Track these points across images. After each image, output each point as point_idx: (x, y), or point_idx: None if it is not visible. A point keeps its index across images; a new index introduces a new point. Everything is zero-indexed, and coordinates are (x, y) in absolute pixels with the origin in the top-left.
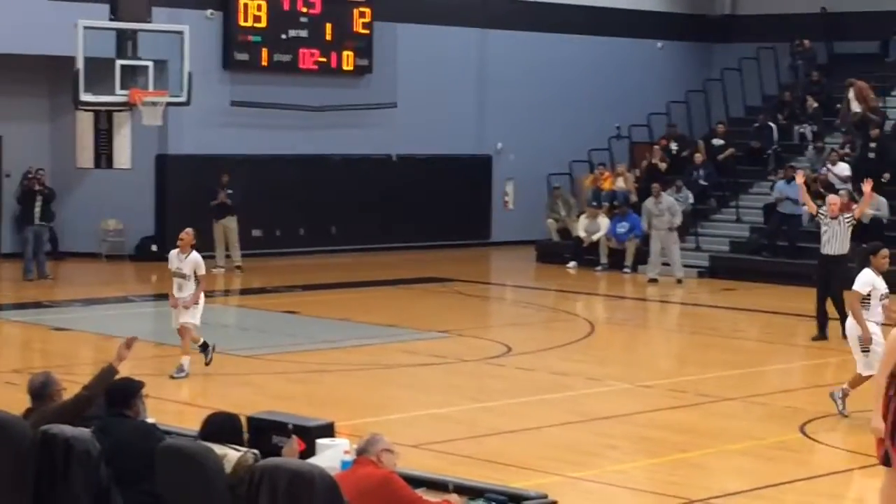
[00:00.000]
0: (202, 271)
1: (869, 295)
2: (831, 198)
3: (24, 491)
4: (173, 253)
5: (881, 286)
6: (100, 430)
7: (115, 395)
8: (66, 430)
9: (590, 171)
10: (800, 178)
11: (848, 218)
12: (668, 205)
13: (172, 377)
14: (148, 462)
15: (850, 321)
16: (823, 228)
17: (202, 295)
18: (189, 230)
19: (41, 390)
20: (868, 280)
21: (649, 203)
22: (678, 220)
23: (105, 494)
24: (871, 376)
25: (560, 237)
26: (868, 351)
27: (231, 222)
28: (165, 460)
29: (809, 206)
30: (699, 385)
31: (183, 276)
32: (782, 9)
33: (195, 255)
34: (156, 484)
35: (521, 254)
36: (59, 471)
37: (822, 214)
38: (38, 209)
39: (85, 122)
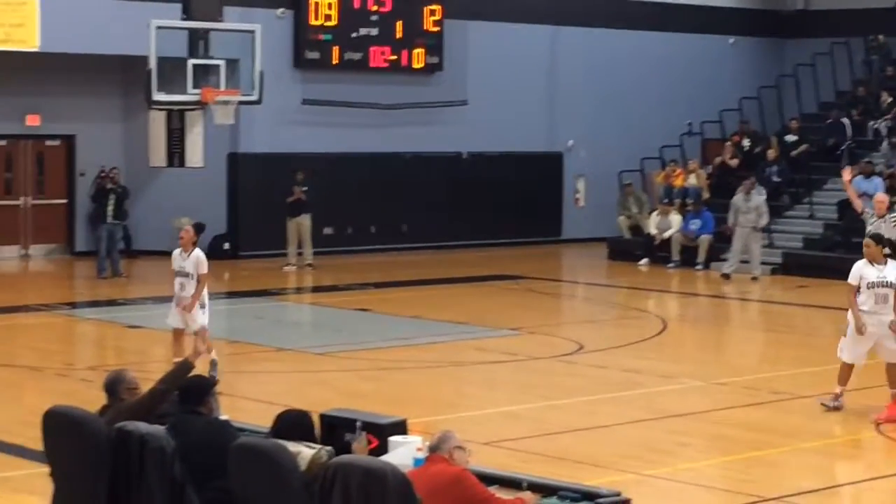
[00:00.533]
0: (204, 270)
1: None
2: (879, 196)
3: (100, 487)
4: (176, 252)
5: (869, 275)
6: (173, 428)
7: (189, 393)
8: (141, 426)
9: (661, 167)
10: (846, 175)
11: (894, 217)
12: (757, 203)
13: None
14: (221, 459)
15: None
16: (868, 228)
17: (207, 295)
18: (188, 228)
19: (113, 387)
20: (855, 271)
21: (738, 199)
22: (764, 221)
23: (179, 491)
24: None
25: (632, 234)
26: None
27: (305, 220)
28: (239, 458)
29: (855, 204)
30: (773, 382)
31: (186, 275)
32: (856, 3)
33: (198, 252)
34: (229, 481)
35: (593, 251)
36: (134, 467)
37: (868, 212)
38: (111, 207)
39: (158, 121)
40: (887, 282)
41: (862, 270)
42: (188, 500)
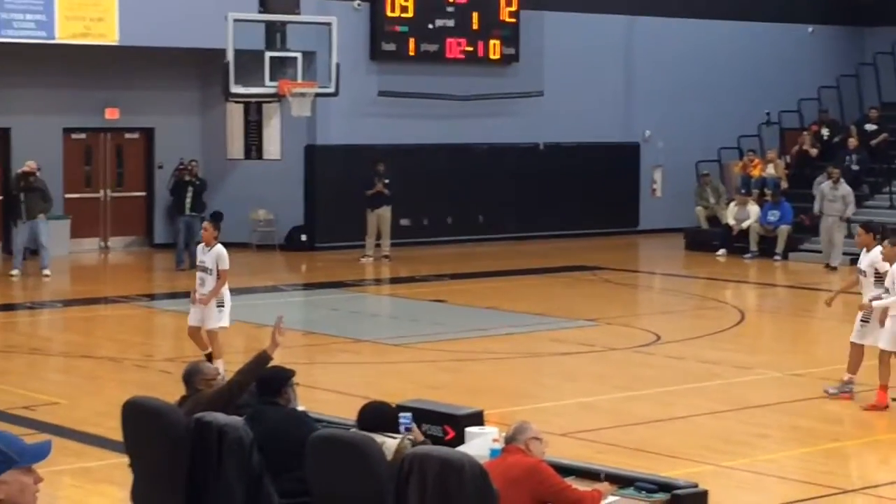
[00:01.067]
0: (225, 266)
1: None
2: None
3: (179, 478)
4: (199, 247)
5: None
6: (251, 418)
7: (267, 383)
8: (220, 417)
9: (739, 157)
10: None
11: None
12: (845, 193)
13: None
14: (297, 450)
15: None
16: None
17: (228, 296)
18: (207, 224)
19: (191, 378)
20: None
21: (825, 187)
22: (850, 211)
23: (257, 481)
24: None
25: (709, 225)
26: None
27: (386, 212)
28: (322, 449)
29: None
30: None
31: (205, 270)
32: None
33: (219, 247)
34: (305, 472)
35: (670, 241)
36: (212, 458)
37: None
38: (189, 200)
39: (235, 113)
40: (861, 269)
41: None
42: (266, 490)
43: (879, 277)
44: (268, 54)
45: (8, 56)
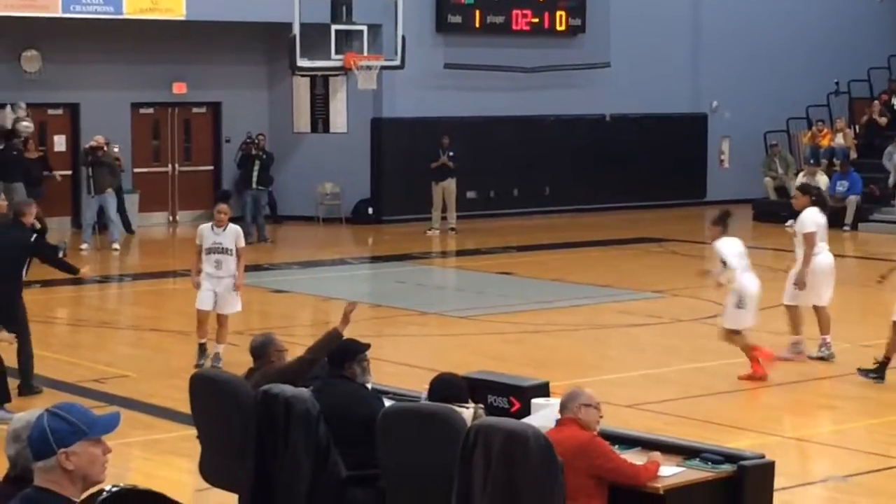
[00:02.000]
0: (243, 243)
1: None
2: None
3: (247, 449)
4: (206, 228)
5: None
6: (318, 391)
7: (333, 357)
8: (287, 389)
9: (808, 127)
10: None
11: None
12: None
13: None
14: (359, 426)
15: None
16: None
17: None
18: (223, 205)
19: (260, 351)
20: None
21: None
22: None
23: (325, 453)
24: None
25: (777, 195)
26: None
27: (451, 184)
28: (398, 422)
29: None
30: None
31: (224, 251)
32: None
33: (234, 226)
34: (373, 448)
35: (738, 212)
36: (279, 430)
37: None
38: (256, 174)
39: (301, 87)
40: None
41: None
42: (333, 461)
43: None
44: (334, 27)
45: (76, 32)
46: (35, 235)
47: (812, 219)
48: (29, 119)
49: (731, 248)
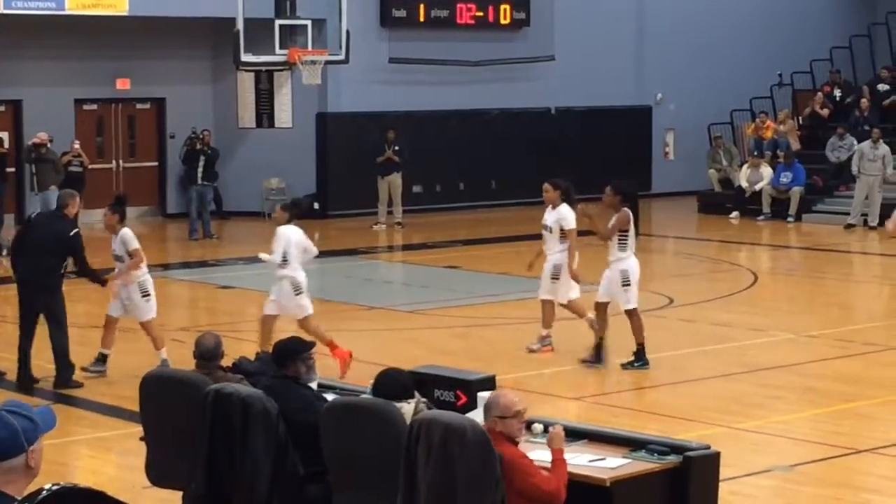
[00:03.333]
0: (135, 245)
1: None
2: None
3: (200, 448)
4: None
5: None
6: (267, 390)
7: (278, 356)
8: (241, 389)
9: (751, 119)
10: None
11: None
12: (884, 153)
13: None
14: (306, 428)
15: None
16: None
17: (150, 281)
18: (106, 211)
19: (213, 352)
20: None
21: (865, 146)
22: (890, 170)
23: (284, 453)
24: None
25: (722, 187)
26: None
27: (396, 178)
28: (340, 416)
29: None
30: (866, 334)
31: (119, 259)
32: None
33: (123, 231)
34: (318, 448)
35: (683, 204)
36: (235, 429)
37: None
38: (201, 169)
39: (246, 82)
40: (547, 225)
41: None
42: (292, 460)
43: (563, 235)
44: (278, 22)
45: (18, 28)
46: (76, 230)
47: (574, 215)
48: None
49: (294, 236)
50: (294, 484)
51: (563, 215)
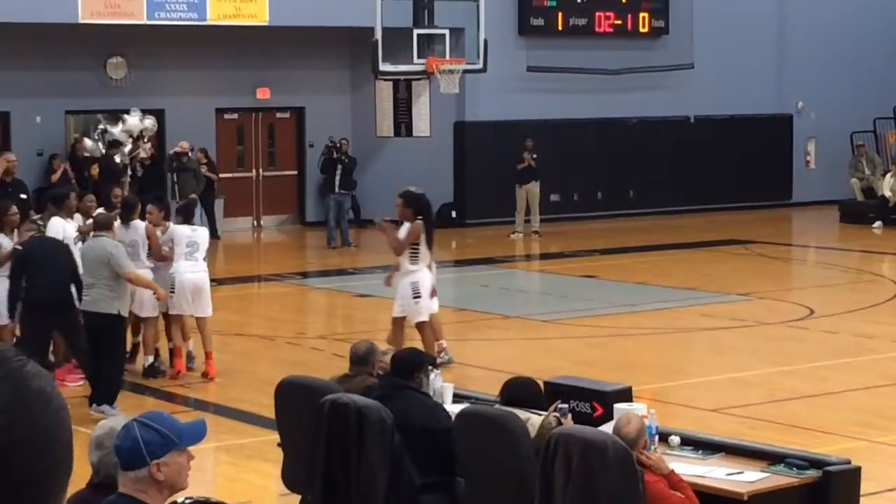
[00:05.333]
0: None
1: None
2: None
3: (318, 457)
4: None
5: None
6: (381, 400)
7: (401, 366)
8: (357, 398)
9: (895, 127)
10: None
11: None
12: None
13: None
14: (427, 435)
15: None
16: None
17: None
18: (151, 207)
19: (367, 357)
20: None
21: None
22: None
23: (398, 462)
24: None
25: (864, 196)
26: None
27: (535, 187)
28: (468, 425)
29: None
30: None
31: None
32: None
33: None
34: (438, 456)
35: (824, 214)
36: (352, 440)
37: None
38: (339, 178)
39: (384, 91)
40: None
41: None
42: (407, 470)
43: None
44: (416, 31)
45: (161, 38)
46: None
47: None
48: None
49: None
50: (410, 494)
51: (411, 229)
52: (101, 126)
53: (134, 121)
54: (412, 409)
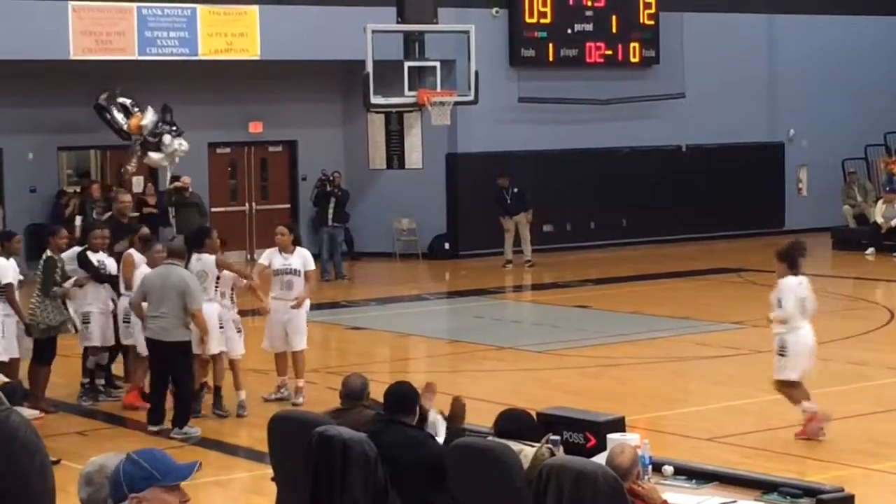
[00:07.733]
0: (311, 266)
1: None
2: None
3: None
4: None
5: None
6: (373, 434)
7: (396, 401)
8: (343, 431)
9: (886, 154)
10: None
11: None
12: None
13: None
14: (417, 468)
15: None
16: None
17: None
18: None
19: (362, 392)
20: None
21: None
22: None
23: (383, 496)
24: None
25: (857, 223)
26: None
27: (523, 218)
28: (461, 457)
29: None
30: None
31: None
32: None
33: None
34: (429, 489)
35: (817, 241)
36: (336, 472)
37: None
38: (332, 211)
39: (376, 124)
40: (296, 270)
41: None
42: (391, 503)
43: (306, 277)
44: (407, 64)
45: (153, 73)
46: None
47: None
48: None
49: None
50: None
51: (306, 257)
52: (137, 153)
53: (171, 141)
54: (400, 443)
